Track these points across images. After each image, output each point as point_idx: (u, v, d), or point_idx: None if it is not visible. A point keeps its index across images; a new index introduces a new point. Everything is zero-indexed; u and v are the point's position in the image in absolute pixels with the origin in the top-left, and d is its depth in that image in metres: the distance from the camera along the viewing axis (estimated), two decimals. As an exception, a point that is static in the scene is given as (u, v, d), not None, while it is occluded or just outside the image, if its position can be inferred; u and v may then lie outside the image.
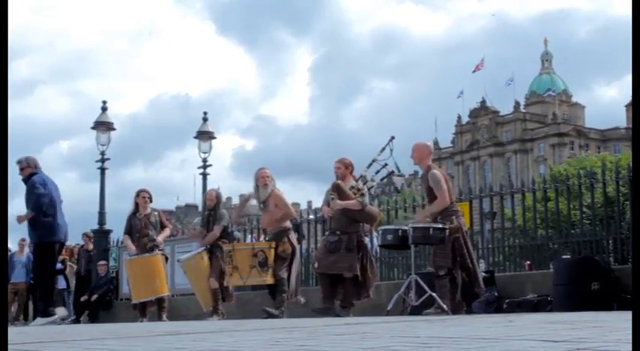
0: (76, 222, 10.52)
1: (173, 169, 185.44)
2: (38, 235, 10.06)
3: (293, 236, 9.46)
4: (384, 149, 8.85)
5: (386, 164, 8.84)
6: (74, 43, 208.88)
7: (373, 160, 8.86)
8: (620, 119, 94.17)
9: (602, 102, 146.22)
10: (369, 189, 8.79)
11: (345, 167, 8.96)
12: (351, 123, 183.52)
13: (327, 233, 9.23)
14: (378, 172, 8.91)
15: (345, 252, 8.64)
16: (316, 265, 8.93)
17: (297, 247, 9.52)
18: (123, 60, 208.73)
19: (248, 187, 10.31)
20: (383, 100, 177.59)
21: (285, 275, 9.14)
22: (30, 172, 10.02)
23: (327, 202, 9.05)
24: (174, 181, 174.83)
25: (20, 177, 10.07)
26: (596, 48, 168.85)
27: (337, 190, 8.78)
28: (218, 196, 10.50)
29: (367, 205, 8.76)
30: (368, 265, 8.85)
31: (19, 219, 9.96)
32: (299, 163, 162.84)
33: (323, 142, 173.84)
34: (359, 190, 8.70)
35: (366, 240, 9.27)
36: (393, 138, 8.95)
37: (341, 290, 8.79)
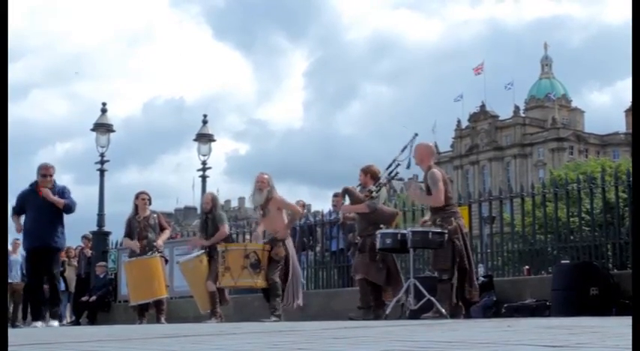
0: (73, 224, 10.54)
1: (167, 173, 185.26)
2: (63, 243, 10.47)
3: (289, 241, 9.45)
4: (405, 148, 8.79)
5: (398, 164, 8.83)
6: (69, 46, 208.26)
7: (394, 160, 8.82)
8: (615, 125, 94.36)
9: (594, 107, 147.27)
10: (378, 190, 8.78)
11: (364, 175, 9.07)
12: (346, 128, 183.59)
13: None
14: (391, 172, 8.91)
15: (359, 254, 8.84)
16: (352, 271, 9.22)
17: (293, 252, 9.47)
18: (118, 63, 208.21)
19: (242, 191, 10.32)
20: (377, 105, 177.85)
21: (278, 279, 9.14)
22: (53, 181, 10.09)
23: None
24: (169, 184, 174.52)
25: (48, 180, 9.95)
26: (588, 54, 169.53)
27: (348, 195, 8.90)
28: (214, 199, 10.50)
29: (375, 207, 8.75)
30: (392, 268, 8.92)
31: (48, 195, 9.78)
32: (293, 167, 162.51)
33: (317, 146, 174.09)
34: (370, 192, 8.73)
35: None
36: (416, 135, 8.82)
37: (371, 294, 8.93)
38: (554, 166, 77.92)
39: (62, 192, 10.08)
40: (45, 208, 9.85)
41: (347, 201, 9.30)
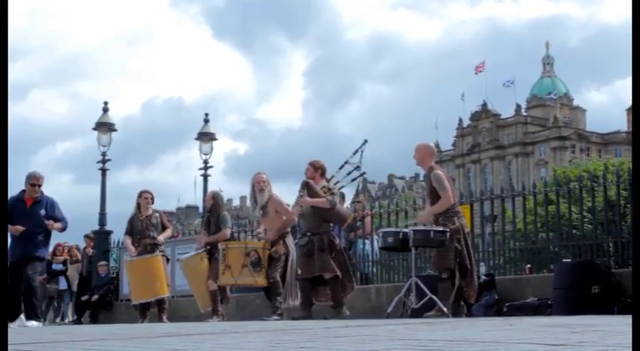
0: (74, 223, 10.50)
1: (167, 172, 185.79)
2: (45, 252, 10.39)
3: (290, 239, 9.43)
4: (356, 152, 8.95)
5: (358, 166, 8.90)
6: (69, 46, 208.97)
7: (345, 162, 8.95)
8: (616, 124, 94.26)
9: (593, 106, 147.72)
10: (339, 189, 8.81)
11: (314, 169, 8.98)
12: (344, 127, 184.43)
13: (298, 236, 9.21)
14: (349, 173, 8.98)
15: (319, 253, 8.64)
16: (299, 272, 8.87)
17: (293, 250, 9.44)
18: (118, 63, 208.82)
19: (240, 191, 10.32)
20: (377, 104, 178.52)
21: (279, 278, 9.12)
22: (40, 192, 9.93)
23: (298, 203, 9.08)
24: (169, 183, 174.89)
25: (36, 191, 9.79)
26: (586, 54, 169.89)
27: (307, 188, 8.83)
28: (215, 197, 10.46)
29: (336, 203, 8.76)
30: (343, 264, 8.83)
31: (52, 226, 9.85)
32: (291, 166, 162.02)
33: (315, 145, 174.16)
34: (329, 189, 8.73)
35: (338, 240, 9.24)
36: (365, 141, 9.03)
37: (324, 292, 8.80)
38: (556, 164, 77.91)
39: (52, 206, 9.95)
40: (32, 220, 9.71)
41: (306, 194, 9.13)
